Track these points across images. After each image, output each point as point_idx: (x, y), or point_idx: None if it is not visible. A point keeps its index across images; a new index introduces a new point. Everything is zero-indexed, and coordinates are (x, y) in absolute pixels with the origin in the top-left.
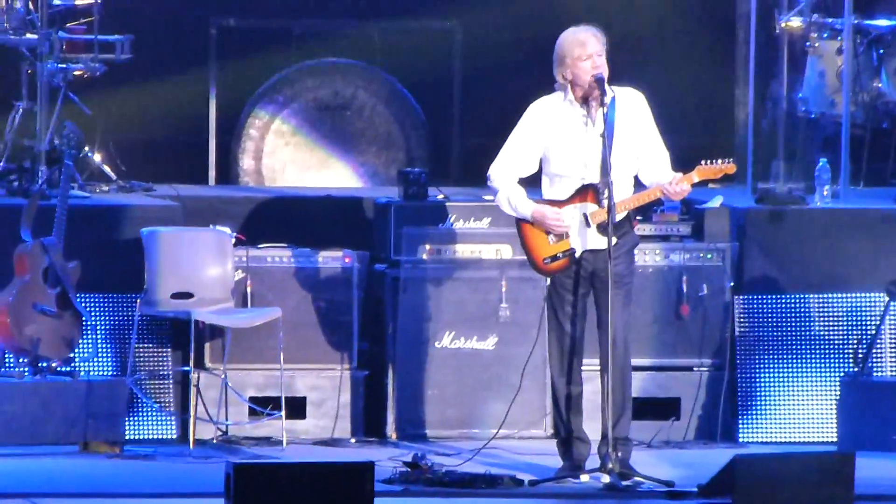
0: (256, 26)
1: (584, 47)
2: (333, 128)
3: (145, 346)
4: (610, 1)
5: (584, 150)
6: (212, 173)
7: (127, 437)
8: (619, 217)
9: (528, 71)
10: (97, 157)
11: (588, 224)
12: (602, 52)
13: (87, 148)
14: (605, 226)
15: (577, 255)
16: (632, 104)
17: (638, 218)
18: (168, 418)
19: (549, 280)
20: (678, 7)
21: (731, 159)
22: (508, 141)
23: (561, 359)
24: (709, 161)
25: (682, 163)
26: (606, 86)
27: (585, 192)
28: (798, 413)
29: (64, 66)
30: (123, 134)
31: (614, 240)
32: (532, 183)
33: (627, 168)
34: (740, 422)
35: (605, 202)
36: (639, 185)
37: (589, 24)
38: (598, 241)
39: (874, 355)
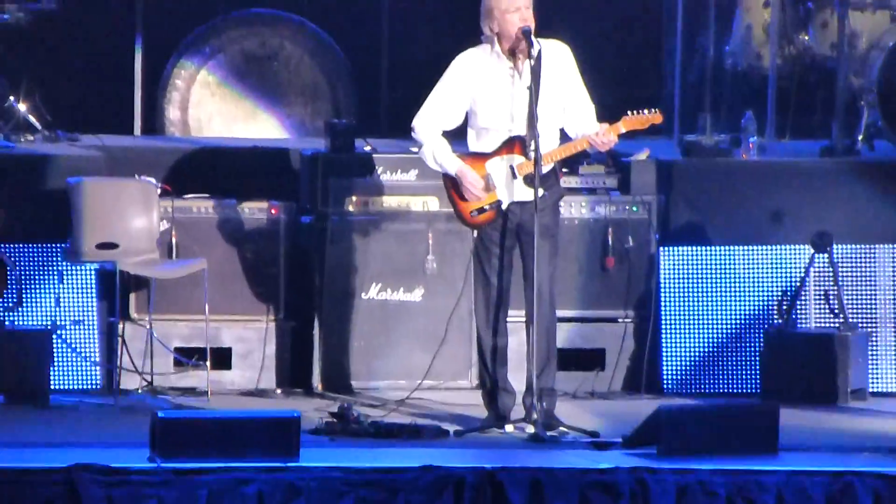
0: None
1: (512, 0)
2: (260, 79)
3: (70, 296)
4: None
5: (511, 102)
6: (137, 124)
7: (52, 388)
8: (545, 169)
9: (456, 22)
10: (22, 107)
11: (515, 176)
12: (529, 5)
13: (12, 97)
14: (531, 178)
15: (504, 207)
16: (558, 56)
17: (564, 170)
18: (93, 368)
19: (475, 233)
20: None
21: (657, 109)
22: (433, 92)
23: (487, 311)
24: (635, 111)
25: (609, 114)
26: (533, 38)
27: (512, 145)
28: (722, 364)
29: None
30: (49, 84)
31: (541, 192)
32: (458, 136)
33: (554, 120)
34: (664, 373)
35: (532, 154)
36: (565, 138)
37: None
38: (525, 194)
39: (798, 307)
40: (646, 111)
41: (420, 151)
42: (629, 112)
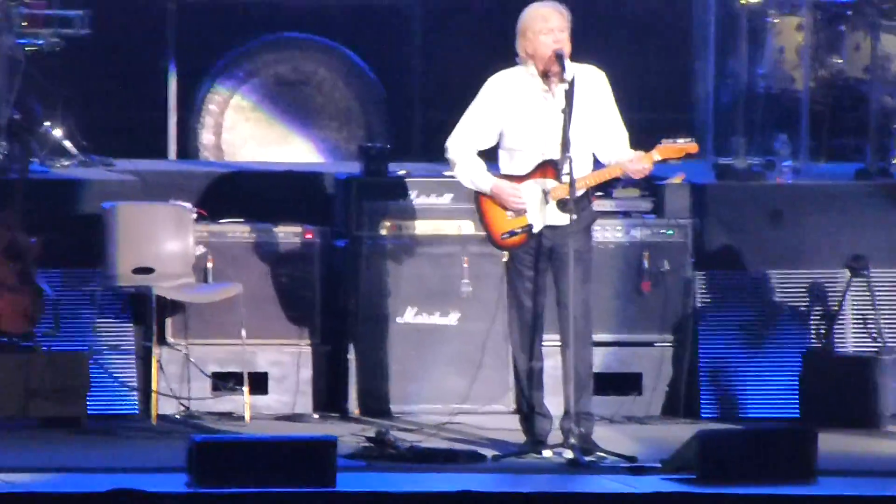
0: (215, 1)
1: (546, 21)
2: (293, 103)
3: (106, 320)
4: None
5: (544, 125)
6: (172, 148)
7: (89, 413)
8: (578, 193)
9: (487, 45)
10: (57, 132)
11: (547, 200)
12: (564, 28)
13: (47, 123)
14: (564, 202)
15: (536, 230)
16: (593, 82)
17: (598, 194)
18: (130, 394)
19: (507, 255)
20: None
21: (693, 138)
22: (467, 113)
23: (521, 334)
24: (670, 139)
25: (641, 138)
26: (567, 62)
27: (545, 168)
28: (760, 388)
29: (23, 40)
30: (83, 109)
31: (568, 218)
32: (490, 156)
33: (586, 145)
34: (702, 397)
35: (565, 178)
36: (597, 164)
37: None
38: (557, 218)
39: (836, 331)
40: (681, 140)
41: (454, 171)
42: (663, 140)
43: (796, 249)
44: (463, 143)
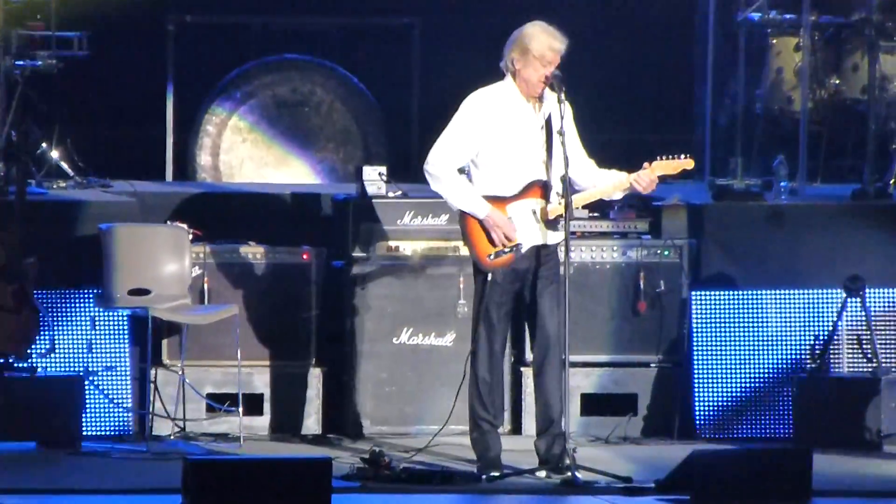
0: (214, 22)
1: (557, 55)
2: (291, 124)
3: (102, 342)
4: None
5: (529, 144)
6: (169, 169)
7: (84, 434)
8: (558, 214)
9: (487, 67)
10: (54, 153)
11: (537, 220)
12: (558, 62)
13: (44, 144)
14: (552, 222)
15: (524, 250)
16: (565, 109)
17: (594, 214)
18: (125, 415)
19: (490, 275)
20: (637, 3)
21: (689, 154)
22: (449, 131)
23: (490, 351)
24: (667, 156)
25: (640, 159)
26: (557, 85)
27: (534, 188)
28: (755, 409)
29: (21, 62)
30: (80, 130)
31: (558, 238)
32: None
33: (560, 169)
34: (697, 418)
35: (554, 198)
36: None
37: (549, 21)
38: (545, 237)
39: (831, 351)
40: (682, 156)
41: (438, 187)
42: (660, 157)
43: (792, 270)
44: (448, 160)
